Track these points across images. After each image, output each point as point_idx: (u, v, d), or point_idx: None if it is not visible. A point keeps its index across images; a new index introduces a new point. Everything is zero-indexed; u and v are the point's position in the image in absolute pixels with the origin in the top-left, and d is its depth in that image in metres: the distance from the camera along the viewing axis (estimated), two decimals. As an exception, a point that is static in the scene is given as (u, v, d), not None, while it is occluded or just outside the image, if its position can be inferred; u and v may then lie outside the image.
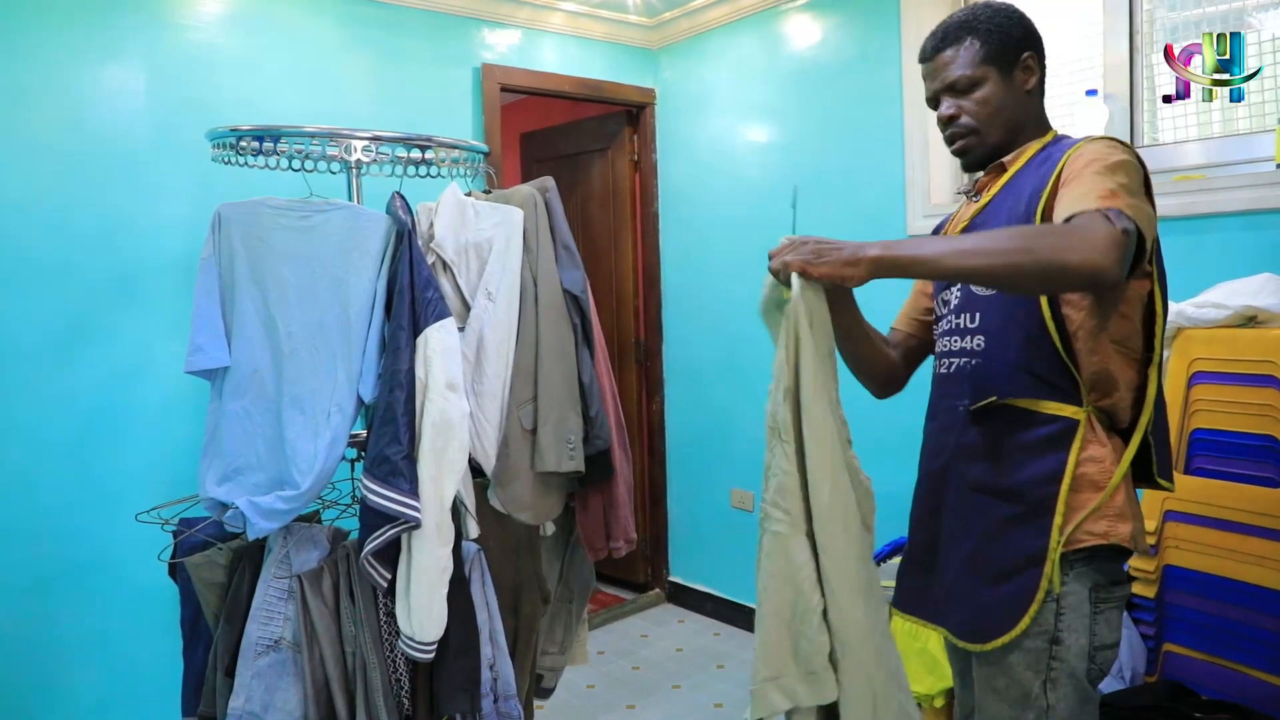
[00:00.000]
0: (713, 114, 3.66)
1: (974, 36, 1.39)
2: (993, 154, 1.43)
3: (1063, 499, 1.26)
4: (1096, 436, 1.27)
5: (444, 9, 3.22)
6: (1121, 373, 1.28)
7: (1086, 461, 1.26)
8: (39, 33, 2.46)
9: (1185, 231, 2.26)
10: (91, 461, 2.54)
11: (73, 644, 2.51)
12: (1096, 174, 1.19)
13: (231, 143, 1.89)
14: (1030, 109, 1.43)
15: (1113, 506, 1.26)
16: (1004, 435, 1.32)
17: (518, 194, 1.98)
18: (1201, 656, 1.81)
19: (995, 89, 1.39)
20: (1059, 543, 1.25)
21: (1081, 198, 1.16)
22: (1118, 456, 1.28)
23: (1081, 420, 1.27)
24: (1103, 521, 1.26)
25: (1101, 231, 1.09)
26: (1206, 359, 1.85)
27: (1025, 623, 1.26)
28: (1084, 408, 1.28)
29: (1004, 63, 1.39)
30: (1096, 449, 1.27)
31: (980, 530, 1.33)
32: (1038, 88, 1.43)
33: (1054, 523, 1.25)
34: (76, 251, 2.51)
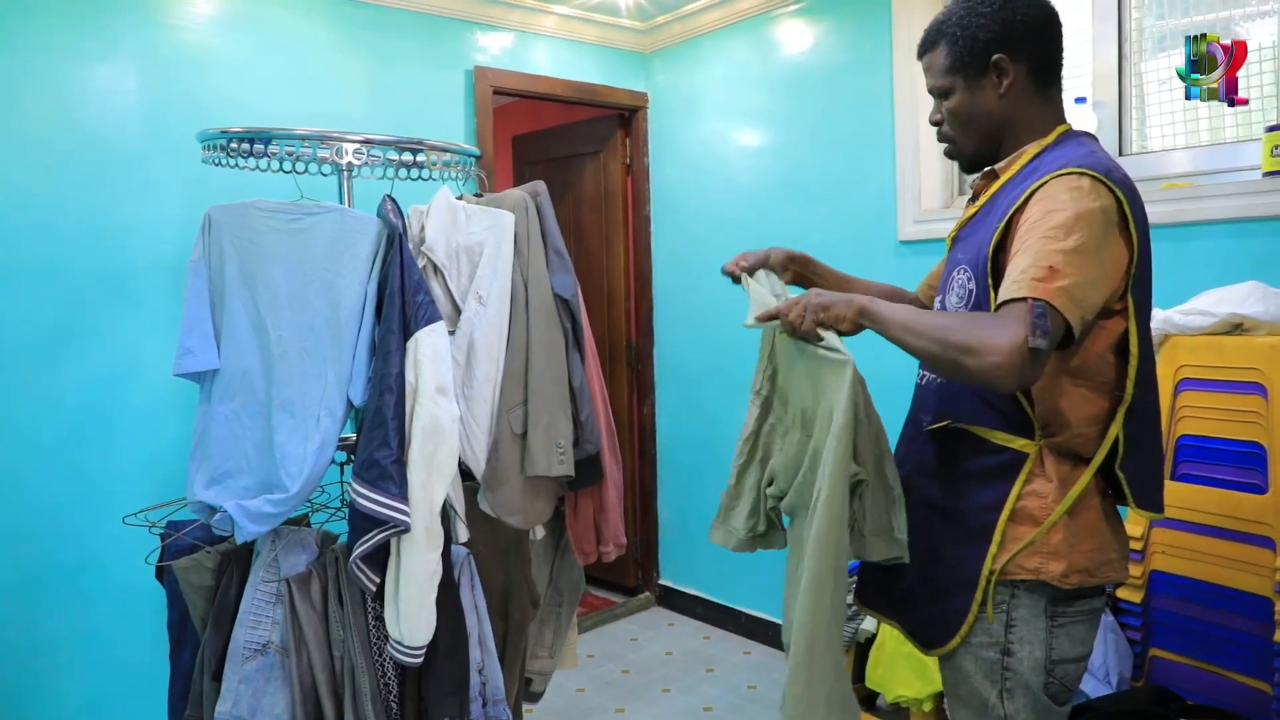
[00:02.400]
0: (705, 118, 3.67)
1: (945, 41, 1.35)
2: (979, 159, 1.40)
3: (1000, 529, 1.26)
4: (1044, 472, 1.26)
5: (436, 11, 3.22)
6: (1080, 409, 1.25)
7: (1029, 495, 1.26)
8: (30, 32, 2.45)
9: (1172, 239, 2.28)
10: (81, 462, 2.53)
11: (62, 644, 2.50)
12: (1044, 238, 1.15)
13: (222, 144, 1.89)
14: (1010, 113, 1.34)
15: (1047, 544, 1.25)
16: (956, 458, 1.33)
17: (509, 198, 1.98)
18: (1186, 661, 1.82)
19: (962, 99, 1.35)
20: (991, 571, 1.26)
21: (1017, 280, 1.13)
22: (1067, 493, 1.26)
23: (1031, 454, 1.26)
24: (1035, 558, 1.25)
25: (1007, 344, 1.09)
26: (1193, 366, 1.86)
27: (956, 641, 1.31)
28: (1035, 441, 1.26)
29: (970, 70, 1.33)
30: (1041, 484, 1.26)
31: (927, 545, 1.35)
32: (1024, 88, 1.33)
33: (989, 551, 1.27)
34: (67, 251, 2.50)
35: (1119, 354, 1.25)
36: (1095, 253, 1.15)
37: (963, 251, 1.37)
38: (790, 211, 3.32)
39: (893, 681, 2.44)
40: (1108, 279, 1.18)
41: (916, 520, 1.37)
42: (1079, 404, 1.25)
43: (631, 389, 4.05)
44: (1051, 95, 1.36)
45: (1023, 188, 1.25)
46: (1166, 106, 2.45)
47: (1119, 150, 2.50)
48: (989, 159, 1.39)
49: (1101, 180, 1.18)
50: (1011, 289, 1.13)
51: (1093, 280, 1.15)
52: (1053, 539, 1.25)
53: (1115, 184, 1.19)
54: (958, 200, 2.92)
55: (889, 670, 2.45)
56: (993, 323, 1.13)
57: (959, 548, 1.31)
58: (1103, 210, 1.17)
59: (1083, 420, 1.25)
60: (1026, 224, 1.19)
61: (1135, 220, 1.20)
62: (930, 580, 1.35)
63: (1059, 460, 1.26)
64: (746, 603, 3.59)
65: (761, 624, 3.51)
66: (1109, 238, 1.17)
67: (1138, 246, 1.20)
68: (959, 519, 1.32)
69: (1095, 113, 2.48)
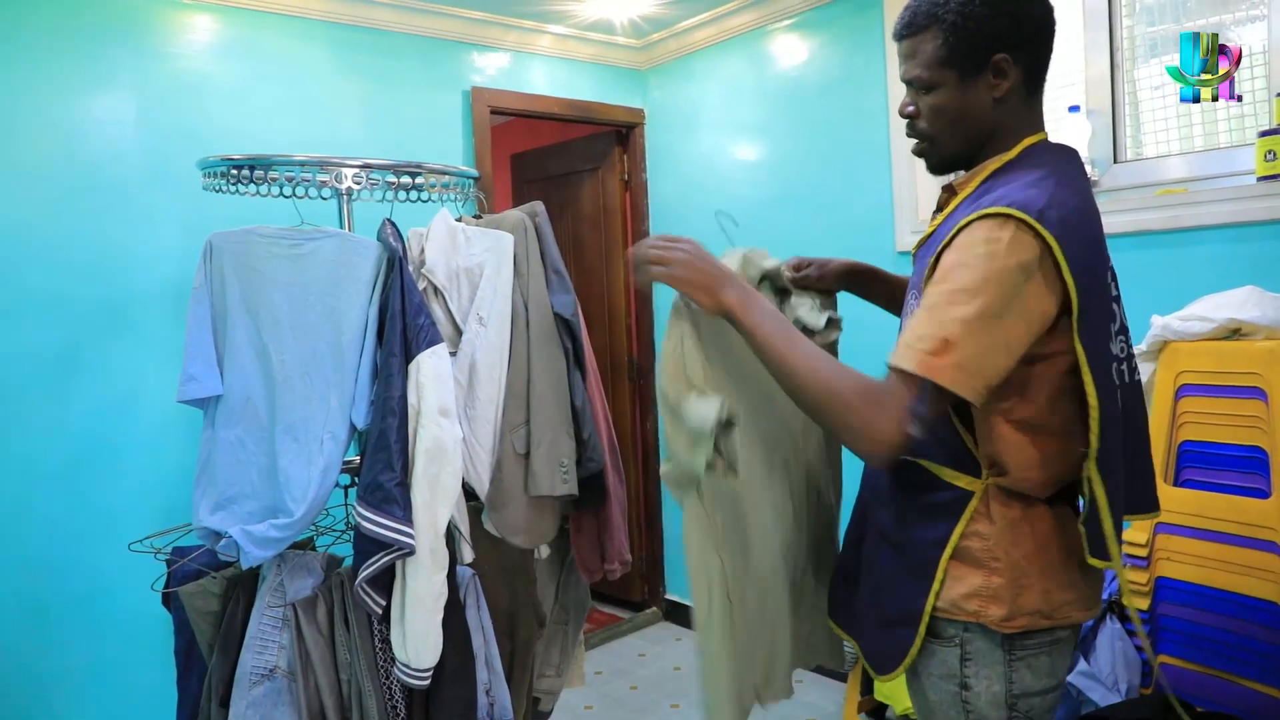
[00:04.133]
0: (702, 133, 3.69)
1: (938, 28, 1.18)
2: (954, 163, 1.28)
3: (942, 567, 1.21)
4: (987, 513, 1.20)
5: (434, 34, 3.24)
6: (1025, 452, 1.17)
7: (971, 535, 1.20)
8: (29, 62, 2.48)
9: (1169, 245, 2.29)
10: (85, 490, 2.54)
11: (69, 672, 2.50)
12: (947, 301, 1.07)
13: (222, 172, 1.91)
14: (1000, 119, 1.21)
15: (988, 587, 1.19)
16: (908, 491, 1.28)
17: (508, 219, 1.99)
18: (1195, 668, 1.81)
19: (952, 96, 1.20)
20: (932, 608, 1.22)
21: (910, 346, 1.07)
22: (1014, 534, 1.19)
23: (976, 494, 1.20)
24: (974, 600, 1.19)
25: (884, 432, 1.06)
26: (1193, 371, 1.87)
27: (899, 671, 1.28)
28: (981, 481, 1.20)
29: (967, 66, 1.18)
30: (984, 525, 1.19)
31: (878, 575, 1.32)
32: (1016, 93, 1.20)
33: (932, 589, 1.21)
34: (68, 281, 2.52)
35: (1067, 399, 1.16)
36: (1000, 316, 1.06)
37: (915, 273, 1.30)
38: (788, 224, 3.34)
39: (901, 694, 2.43)
40: (1019, 337, 1.09)
41: (869, 547, 1.35)
42: (1024, 447, 1.17)
43: (634, 404, 4.05)
44: (1035, 102, 1.25)
45: (960, 216, 1.14)
46: (1160, 113, 2.47)
47: (1114, 157, 2.51)
48: (964, 164, 1.27)
49: (1028, 224, 1.06)
50: (904, 356, 1.08)
51: (996, 346, 1.07)
52: (994, 582, 1.18)
53: (1050, 225, 1.06)
54: (955, 210, 2.93)
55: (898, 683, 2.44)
56: (876, 399, 1.08)
57: (904, 580, 1.26)
58: (1019, 266, 1.06)
59: (1028, 463, 1.18)
60: (940, 270, 1.11)
61: (1071, 264, 1.07)
62: (879, 608, 1.31)
63: (1007, 502, 1.19)
64: (754, 616, 3.58)
65: (769, 637, 3.50)
66: (1024, 293, 1.07)
67: (1075, 291, 1.08)
68: (906, 552, 1.27)
69: (1089, 120, 2.50)
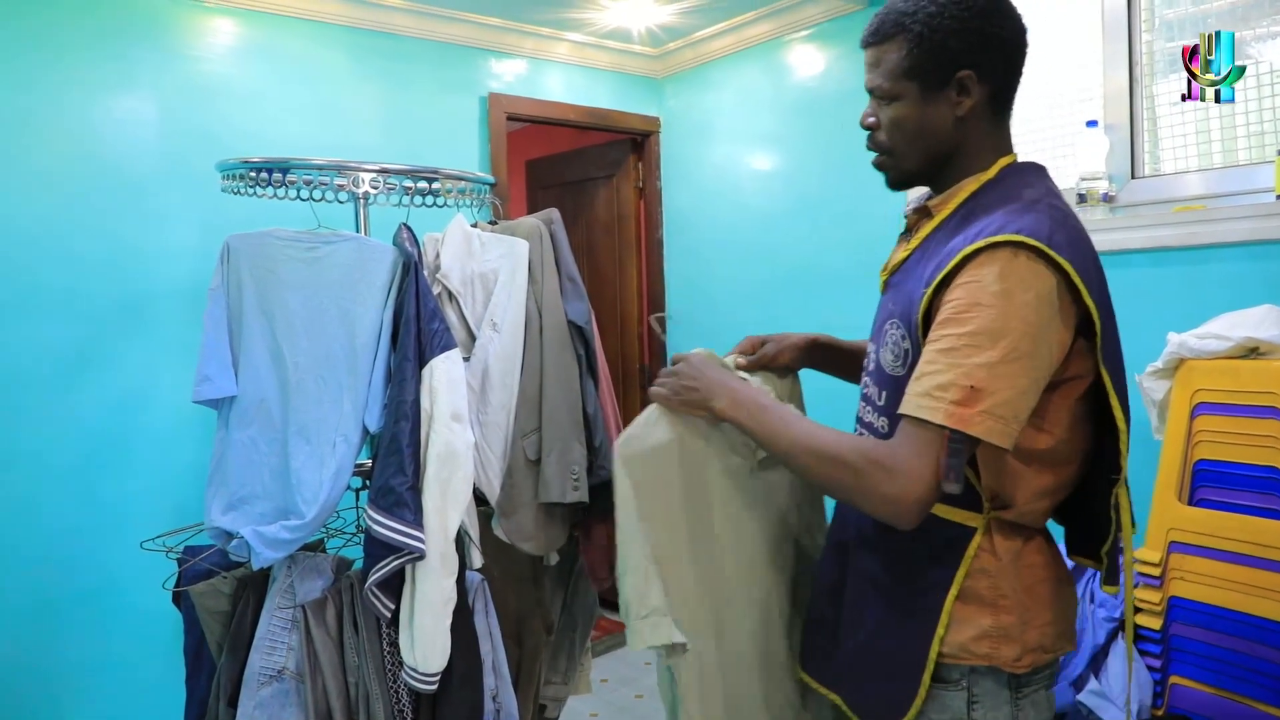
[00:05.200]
0: (717, 142, 3.69)
1: (904, 39, 1.15)
2: (913, 179, 1.23)
3: (947, 610, 1.13)
4: (992, 548, 1.14)
5: (451, 40, 3.26)
6: (1032, 483, 1.13)
7: (977, 574, 1.13)
8: (52, 62, 2.50)
9: (1186, 262, 2.27)
10: (97, 487, 2.55)
11: (78, 670, 2.51)
12: (967, 345, 1.01)
13: (241, 174, 1.92)
14: (962, 137, 1.17)
15: (999, 627, 1.13)
16: (900, 533, 1.16)
17: (523, 225, 2.00)
18: (1208, 690, 1.80)
19: (912, 110, 1.16)
20: (938, 654, 1.14)
21: (933, 396, 1.01)
22: (1018, 569, 1.14)
23: (978, 529, 1.13)
24: (985, 642, 1.13)
25: (909, 483, 1.01)
26: (1209, 390, 1.85)
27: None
28: (982, 515, 1.14)
29: (930, 80, 1.14)
30: (989, 561, 1.13)
31: (870, 625, 1.23)
32: (981, 112, 1.16)
33: (936, 634, 1.13)
34: (84, 279, 2.54)
35: (1082, 425, 1.14)
36: (1029, 357, 1.01)
37: (894, 300, 1.22)
38: (802, 235, 3.33)
39: None
40: (1047, 372, 1.05)
41: (854, 595, 1.26)
42: (1032, 478, 1.13)
43: (645, 411, 4.05)
44: (1003, 123, 1.20)
45: (956, 244, 1.08)
46: (1179, 128, 2.45)
47: (1131, 172, 2.50)
48: (924, 180, 1.23)
49: (1043, 252, 1.02)
50: (926, 407, 1.01)
51: (1025, 389, 1.02)
52: (1004, 621, 1.13)
53: (1061, 249, 1.03)
54: (970, 223, 2.92)
55: None
56: (893, 458, 1.03)
57: (904, 628, 1.17)
58: (1038, 299, 1.02)
59: (1035, 494, 1.14)
60: (950, 307, 1.05)
61: (1090, 288, 1.04)
62: (875, 658, 1.22)
63: (1009, 535, 1.14)
64: (761, 627, 3.57)
65: (776, 648, 3.49)
66: (1048, 329, 1.03)
67: (1098, 314, 1.05)
68: (901, 597, 1.19)
69: (1106, 135, 2.49)
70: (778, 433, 1.17)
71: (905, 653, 1.17)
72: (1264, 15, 2.27)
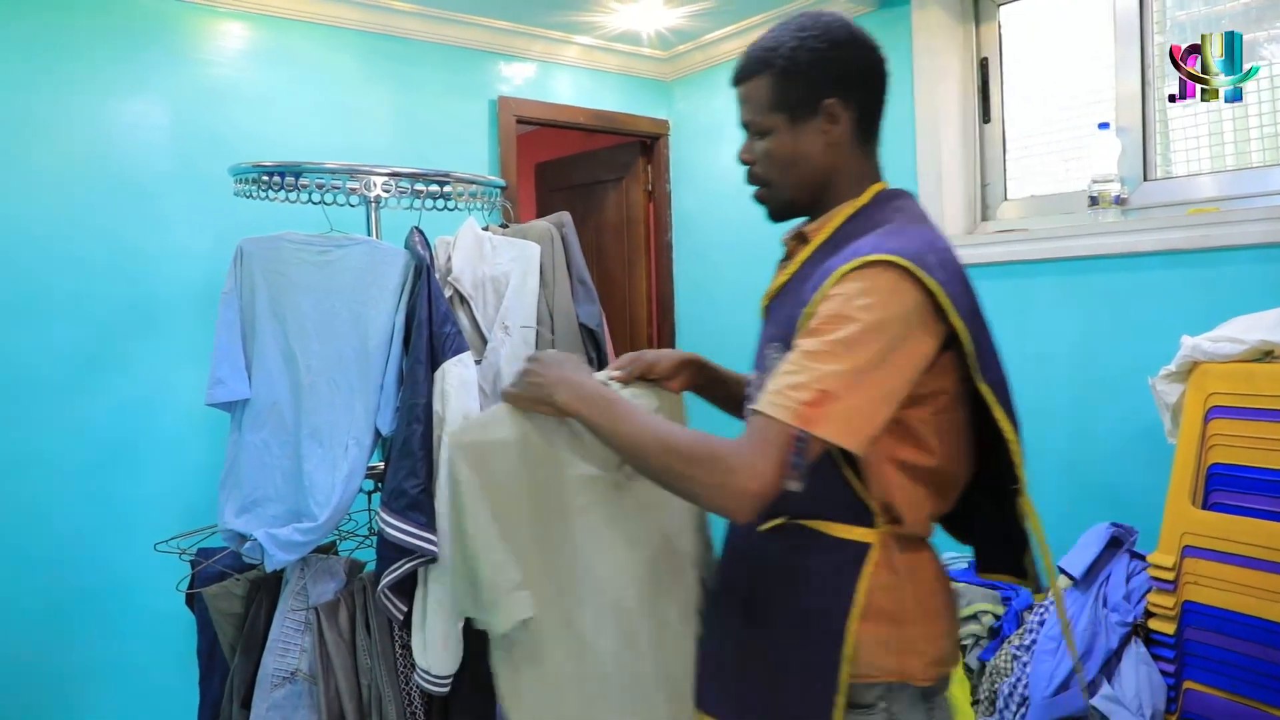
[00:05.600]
0: (726, 145, 3.69)
1: (769, 73, 1.19)
2: (792, 209, 1.26)
3: (851, 630, 1.11)
4: (889, 562, 1.14)
5: (461, 43, 3.27)
6: (914, 495, 1.15)
7: (877, 590, 1.13)
8: (63, 66, 2.51)
9: (1200, 265, 2.26)
10: (109, 490, 2.56)
11: (90, 672, 2.52)
12: (826, 351, 1.03)
13: (254, 178, 1.93)
14: (835, 164, 1.21)
15: (905, 639, 1.14)
16: (796, 556, 1.18)
17: (534, 229, 2.00)
18: (1222, 695, 1.79)
19: (783, 141, 1.20)
20: (848, 676, 1.12)
21: (784, 395, 1.02)
22: (915, 580, 1.16)
23: (874, 544, 1.14)
24: (894, 657, 1.13)
25: (748, 478, 1.00)
26: (1223, 394, 1.84)
27: None
28: (876, 530, 1.14)
29: (797, 111, 1.18)
30: (887, 575, 1.14)
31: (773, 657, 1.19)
32: (850, 139, 1.20)
33: (844, 654, 1.11)
34: (95, 283, 2.55)
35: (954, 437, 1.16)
36: (881, 368, 1.03)
37: (774, 325, 1.24)
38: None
39: None
40: (900, 385, 1.07)
41: (744, 628, 1.23)
42: (914, 489, 1.15)
43: (654, 414, 4.05)
44: (871, 150, 1.25)
45: (832, 264, 1.11)
46: (1191, 130, 2.45)
47: (1143, 175, 2.49)
48: (803, 210, 1.26)
49: (911, 271, 1.05)
50: (776, 404, 1.02)
51: (877, 398, 1.05)
52: (909, 633, 1.14)
53: (931, 269, 1.06)
54: (981, 225, 2.92)
55: None
56: (743, 450, 1.02)
57: (808, 655, 1.15)
58: (901, 316, 1.05)
59: (918, 505, 1.16)
60: (817, 318, 1.07)
61: (959, 307, 1.07)
62: (781, 693, 1.17)
63: (904, 549, 1.16)
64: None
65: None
66: (908, 343, 1.06)
67: (967, 333, 1.07)
68: (800, 624, 1.16)
69: (1118, 137, 2.48)
70: (619, 425, 1.14)
71: (814, 681, 1.14)
72: (1277, 16, 2.26)
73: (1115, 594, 2.01)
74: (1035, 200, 2.81)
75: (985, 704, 2.21)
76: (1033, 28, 2.82)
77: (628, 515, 1.31)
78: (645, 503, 1.32)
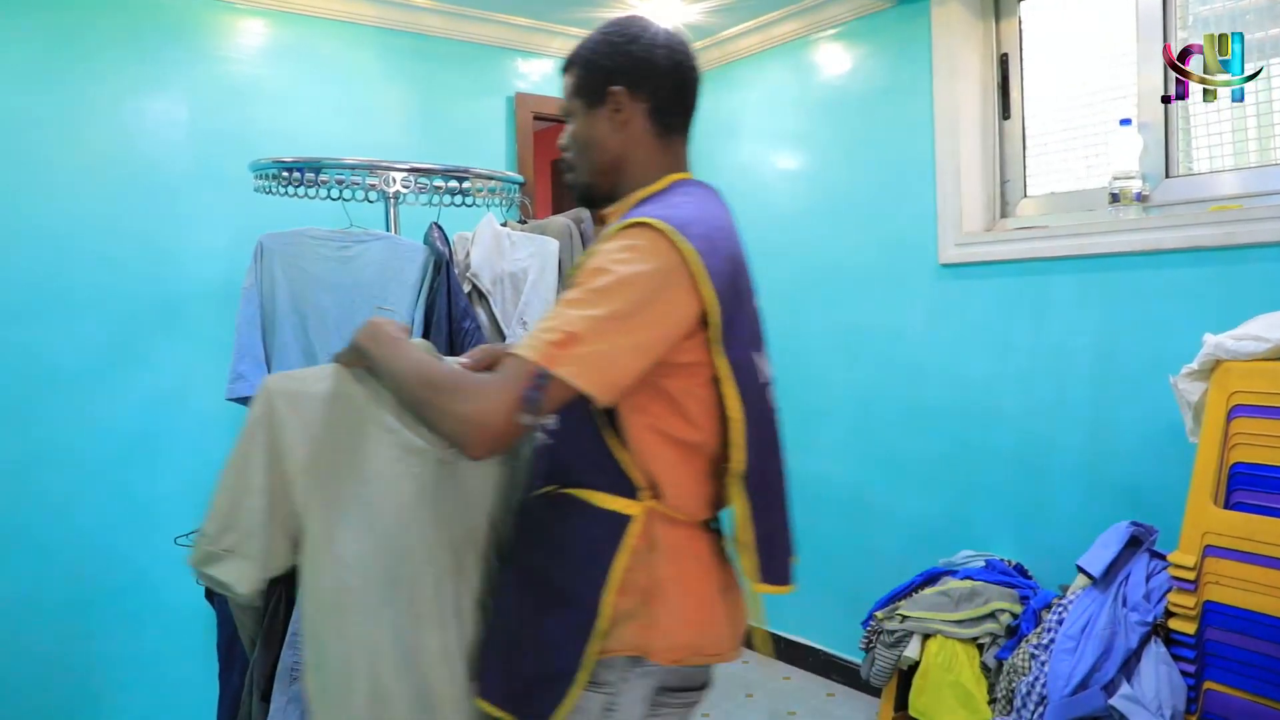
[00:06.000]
0: (742, 141, 3.68)
1: (576, 64, 1.30)
2: (592, 192, 1.32)
3: (606, 602, 1.12)
4: (649, 536, 1.15)
5: (479, 40, 3.28)
6: (679, 468, 1.17)
7: (634, 564, 1.14)
8: (86, 65, 2.54)
9: (1223, 262, 2.24)
10: (131, 485, 2.59)
11: (112, 664, 2.55)
12: (579, 299, 1.07)
13: (274, 174, 1.94)
14: (627, 152, 1.27)
15: (650, 615, 1.13)
16: (564, 526, 1.19)
17: (553, 224, 2.01)
18: (1244, 696, 1.77)
19: (580, 125, 1.28)
20: (597, 650, 1.13)
21: (535, 337, 1.06)
22: (674, 560, 1.16)
23: (635, 517, 1.14)
24: (636, 629, 1.13)
25: (489, 410, 1.02)
26: (1246, 392, 1.83)
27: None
28: (640, 503, 1.15)
29: (591, 97, 1.27)
30: (645, 550, 1.14)
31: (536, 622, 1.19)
32: (644, 130, 1.27)
33: (596, 627, 1.12)
34: (117, 279, 2.57)
35: (717, 415, 1.17)
36: (631, 318, 1.07)
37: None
38: (828, 234, 3.32)
39: (937, 710, 2.41)
40: (652, 340, 1.09)
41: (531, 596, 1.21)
42: (677, 465, 1.16)
43: (669, 411, 4.05)
44: (672, 143, 1.30)
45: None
46: (1214, 126, 2.42)
47: (1166, 171, 2.47)
48: (603, 194, 1.31)
49: (668, 235, 1.09)
50: (525, 344, 1.06)
51: (624, 346, 1.07)
52: (656, 610, 1.13)
53: (692, 238, 1.10)
54: (1000, 222, 2.90)
55: (933, 698, 2.42)
56: (480, 386, 1.06)
57: (565, 624, 1.15)
58: (657, 272, 1.09)
59: (680, 481, 1.17)
60: (580, 272, 1.12)
61: (713, 277, 1.11)
62: (539, 659, 1.17)
63: (667, 526, 1.16)
64: (785, 627, 3.56)
65: (802, 649, 3.48)
66: (661, 299, 1.09)
67: (716, 302, 1.11)
68: (566, 593, 1.17)
69: (1140, 134, 2.46)
70: (393, 362, 1.17)
71: (566, 650, 1.14)
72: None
73: (1135, 593, 2.00)
74: (1055, 197, 2.79)
75: (1002, 703, 2.20)
76: (1054, 23, 2.80)
77: (443, 494, 1.29)
78: (468, 487, 1.31)
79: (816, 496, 3.40)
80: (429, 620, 1.24)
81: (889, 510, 3.10)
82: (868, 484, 3.18)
